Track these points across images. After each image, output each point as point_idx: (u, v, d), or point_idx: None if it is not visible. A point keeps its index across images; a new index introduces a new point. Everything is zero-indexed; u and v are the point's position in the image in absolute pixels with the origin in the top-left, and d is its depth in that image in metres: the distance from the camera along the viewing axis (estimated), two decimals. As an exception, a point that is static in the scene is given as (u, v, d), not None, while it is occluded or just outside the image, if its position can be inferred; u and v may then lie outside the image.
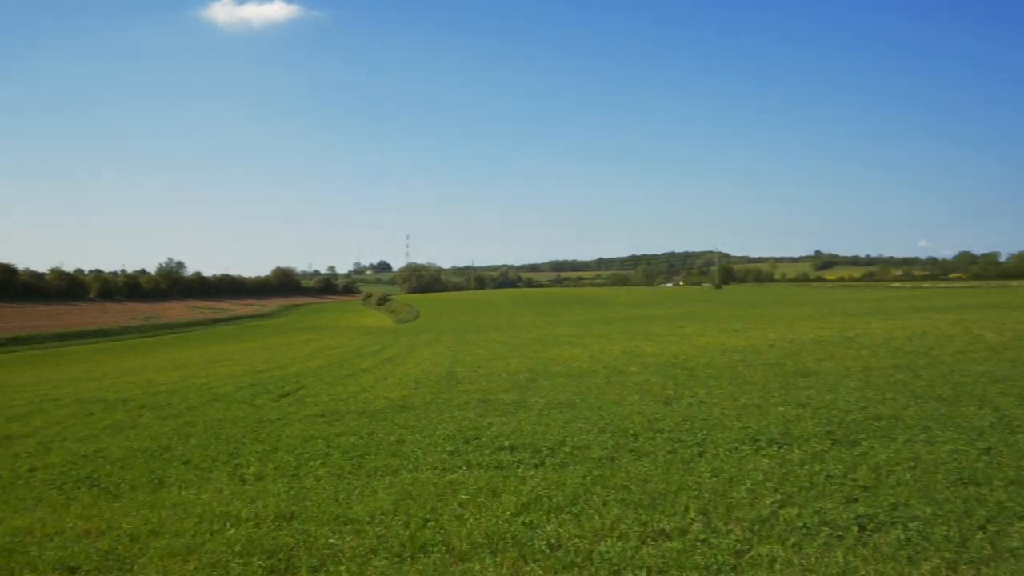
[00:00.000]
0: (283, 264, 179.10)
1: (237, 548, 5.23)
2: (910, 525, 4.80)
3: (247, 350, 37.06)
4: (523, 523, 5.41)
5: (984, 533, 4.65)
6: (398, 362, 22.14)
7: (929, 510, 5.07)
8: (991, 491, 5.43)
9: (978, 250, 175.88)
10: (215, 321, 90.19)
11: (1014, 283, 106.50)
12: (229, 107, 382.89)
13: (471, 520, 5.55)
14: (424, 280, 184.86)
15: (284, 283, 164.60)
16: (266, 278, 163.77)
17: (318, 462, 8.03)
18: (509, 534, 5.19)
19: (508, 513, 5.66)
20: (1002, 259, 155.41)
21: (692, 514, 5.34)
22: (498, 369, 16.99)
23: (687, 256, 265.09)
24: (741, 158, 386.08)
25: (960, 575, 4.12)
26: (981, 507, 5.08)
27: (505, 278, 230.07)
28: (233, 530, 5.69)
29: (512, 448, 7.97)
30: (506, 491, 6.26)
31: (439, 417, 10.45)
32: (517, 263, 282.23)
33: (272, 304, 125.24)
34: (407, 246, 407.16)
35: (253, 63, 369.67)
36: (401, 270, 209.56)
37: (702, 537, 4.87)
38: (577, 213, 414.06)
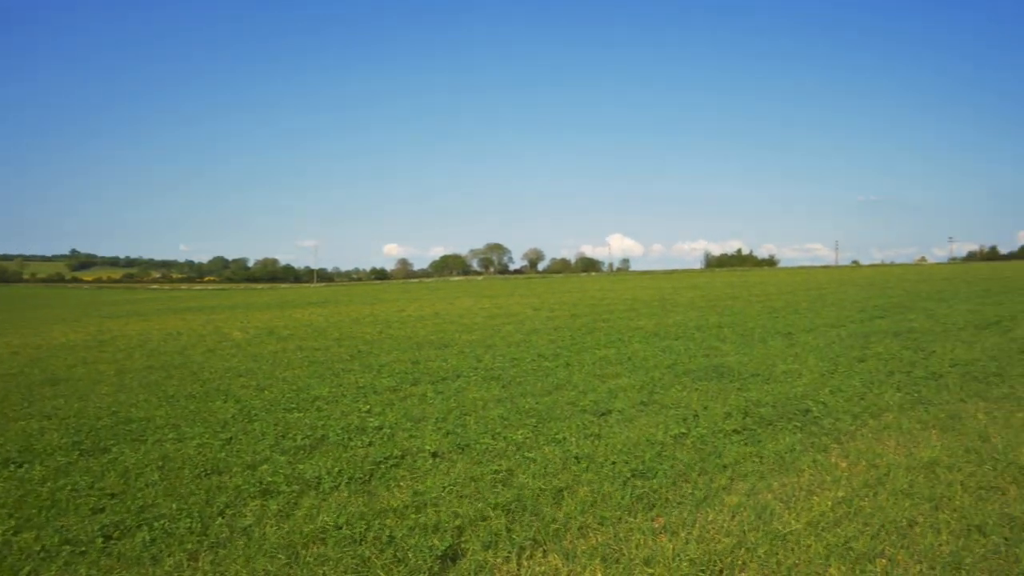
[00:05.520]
0: None
1: None
2: (155, 524, 4.88)
3: None
4: None
5: (223, 518, 5.03)
6: None
7: (175, 506, 5.24)
8: (231, 477, 5.92)
9: (230, 255, 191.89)
10: None
11: (259, 286, 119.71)
12: None
13: None
14: None
15: None
16: None
17: None
18: None
19: None
20: (250, 264, 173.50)
21: None
22: None
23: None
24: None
25: (201, 562, 4.36)
26: (222, 494, 5.50)
27: None
28: None
29: None
30: None
31: None
32: None
33: None
34: None
35: None
36: None
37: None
38: None
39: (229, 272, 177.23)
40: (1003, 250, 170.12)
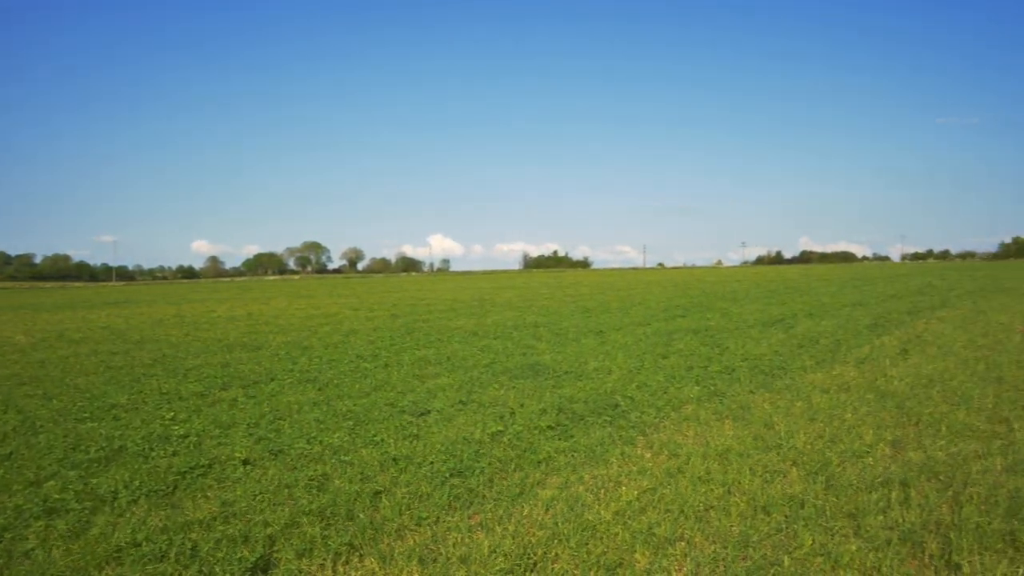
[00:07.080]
0: None
1: None
2: (-84, 555, 4.32)
3: None
4: None
5: (1, 543, 4.54)
6: None
7: (-61, 532, 4.66)
8: (10, 496, 5.35)
9: (13, 251, 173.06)
10: None
11: (48, 284, 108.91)
12: None
13: None
14: None
15: None
16: None
17: None
18: None
19: None
20: (37, 261, 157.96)
21: None
22: None
23: None
24: None
25: (-29, 594, 3.92)
26: (-1, 516, 4.96)
27: None
28: None
29: None
30: None
31: None
32: None
33: None
34: None
35: None
36: None
37: None
38: None
39: (11, 270, 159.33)
40: (787, 255, 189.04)
